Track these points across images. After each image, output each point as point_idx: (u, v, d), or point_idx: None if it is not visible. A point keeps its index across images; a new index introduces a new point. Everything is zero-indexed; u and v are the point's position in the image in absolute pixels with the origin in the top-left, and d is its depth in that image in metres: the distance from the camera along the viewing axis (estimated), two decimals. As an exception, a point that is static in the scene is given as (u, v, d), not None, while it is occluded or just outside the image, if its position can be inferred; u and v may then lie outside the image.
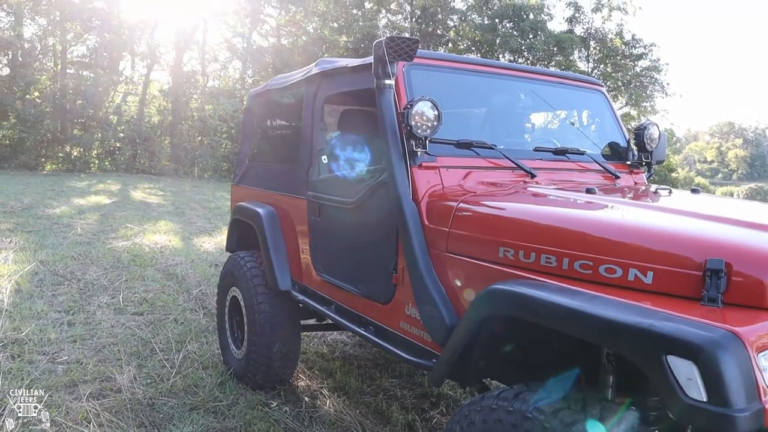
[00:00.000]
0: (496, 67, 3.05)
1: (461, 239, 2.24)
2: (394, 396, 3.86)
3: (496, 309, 1.89)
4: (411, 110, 2.37)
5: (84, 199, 12.56)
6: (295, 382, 3.99)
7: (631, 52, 26.72)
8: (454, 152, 2.60)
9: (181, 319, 5.14)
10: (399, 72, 2.62)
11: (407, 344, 2.53)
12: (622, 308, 1.56)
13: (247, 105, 4.54)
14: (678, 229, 1.79)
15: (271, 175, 3.95)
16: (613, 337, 1.53)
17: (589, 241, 1.85)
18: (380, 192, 2.66)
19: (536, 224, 2.05)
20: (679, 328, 1.41)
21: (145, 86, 23.07)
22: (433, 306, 2.27)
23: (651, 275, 1.68)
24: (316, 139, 3.29)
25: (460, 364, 2.10)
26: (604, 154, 3.26)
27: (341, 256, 3.09)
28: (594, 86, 3.40)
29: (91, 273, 6.46)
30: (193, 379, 3.92)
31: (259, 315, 3.62)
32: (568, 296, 1.70)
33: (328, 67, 3.20)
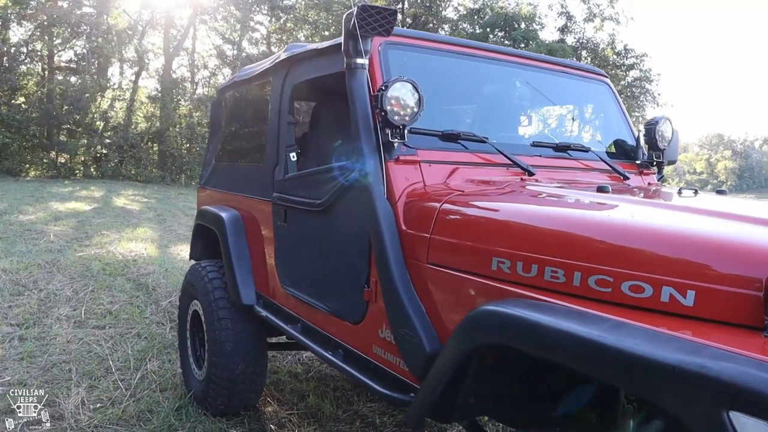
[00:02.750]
0: (489, 51, 2.66)
1: (445, 247, 1.83)
2: (372, 424, 3.44)
3: (485, 337, 1.48)
4: (386, 93, 1.97)
5: (63, 205, 12.08)
6: (261, 407, 3.56)
7: (623, 62, 26.55)
8: (439, 145, 2.21)
9: (145, 334, 4.71)
10: (374, 50, 2.23)
11: (381, 373, 2.11)
12: (659, 341, 1.15)
13: (214, 101, 4.13)
14: (728, 236, 1.37)
15: (236, 176, 3.54)
16: (647, 382, 1.11)
17: (607, 251, 1.44)
18: (351, 192, 2.25)
19: (539, 229, 1.64)
20: (748, 373, 0.99)
21: (133, 92, 22.65)
22: (409, 329, 1.86)
23: (692, 296, 1.26)
24: (284, 134, 2.89)
25: (442, 402, 1.69)
26: (610, 152, 2.87)
27: (308, 266, 2.68)
28: (599, 77, 3.01)
29: (55, 282, 6.01)
30: (148, 404, 3.48)
31: (220, 332, 3.20)
32: (583, 322, 1.29)
33: (296, 51, 2.81)
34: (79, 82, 20.83)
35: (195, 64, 25.08)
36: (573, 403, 1.71)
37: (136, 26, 22.61)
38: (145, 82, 25.08)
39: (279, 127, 2.92)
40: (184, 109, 22.88)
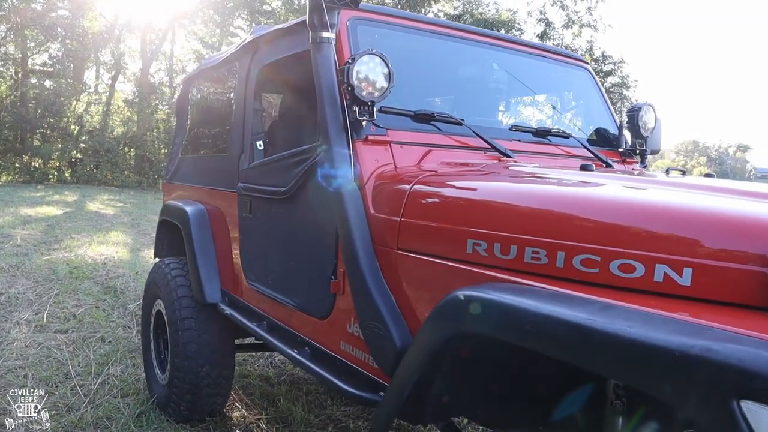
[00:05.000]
0: (465, 31, 2.52)
1: (417, 231, 1.68)
2: (345, 429, 3.26)
3: (460, 326, 1.32)
4: (353, 66, 1.82)
5: (33, 209, 11.74)
6: (228, 412, 3.37)
7: (601, 69, 26.73)
8: (411, 126, 2.06)
9: (110, 338, 4.49)
10: (342, 25, 2.08)
11: (349, 371, 1.95)
12: (654, 323, 1.00)
13: (180, 93, 3.94)
14: (726, 210, 1.23)
15: (202, 168, 3.36)
16: (643, 369, 0.97)
17: (593, 228, 1.29)
18: (317, 176, 2.09)
19: (517, 207, 1.49)
20: (760, 356, 0.85)
21: (110, 96, 22.26)
22: (378, 321, 1.70)
23: (689, 274, 1.12)
24: (250, 121, 2.72)
25: (413, 401, 1.53)
26: (591, 140, 2.74)
27: (273, 259, 2.51)
28: (578, 62, 2.89)
29: (18, 286, 5.76)
30: (107, 410, 3.28)
31: (183, 332, 3.01)
32: (568, 305, 1.14)
33: (262, 33, 2.65)
34: (54, 85, 20.43)
35: (173, 69, 24.78)
36: (557, 402, 1.56)
37: (112, 29, 22.25)
38: (122, 86, 24.70)
39: (245, 114, 2.75)
40: (162, 113, 22.53)
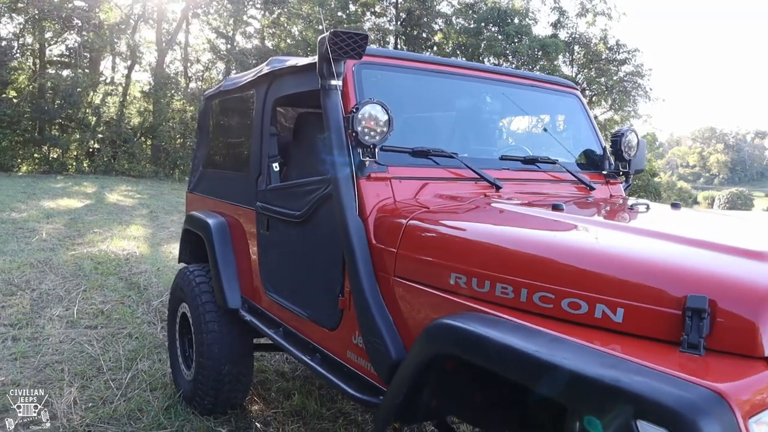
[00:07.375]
0: (459, 67, 2.78)
1: (410, 262, 1.97)
2: (354, 422, 3.58)
3: (441, 348, 1.62)
4: (357, 114, 2.10)
5: (54, 202, 12.14)
6: (248, 405, 3.70)
7: (615, 57, 26.74)
8: (410, 161, 2.33)
9: (136, 334, 4.83)
10: (348, 71, 2.35)
11: (353, 377, 2.26)
12: (585, 356, 1.29)
13: (201, 107, 4.25)
14: (653, 257, 1.51)
15: (223, 183, 3.66)
16: (572, 392, 1.26)
17: (550, 270, 1.58)
18: (327, 205, 2.38)
19: (491, 247, 1.79)
20: (652, 386, 1.14)
21: (126, 87, 22.63)
22: (377, 337, 2.00)
23: (621, 312, 1.41)
24: (267, 145, 3.01)
25: (406, 405, 1.83)
26: (579, 162, 3.00)
27: (289, 274, 2.81)
28: (568, 89, 3.14)
29: (48, 282, 6.11)
30: (138, 403, 3.61)
31: (207, 335, 3.33)
32: (524, 337, 1.43)
33: (277, 67, 2.93)
34: (71, 76, 20.79)
35: (188, 59, 25.09)
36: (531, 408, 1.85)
37: (128, 20, 22.58)
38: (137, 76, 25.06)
39: (262, 138, 3.04)
40: (177, 103, 22.89)
